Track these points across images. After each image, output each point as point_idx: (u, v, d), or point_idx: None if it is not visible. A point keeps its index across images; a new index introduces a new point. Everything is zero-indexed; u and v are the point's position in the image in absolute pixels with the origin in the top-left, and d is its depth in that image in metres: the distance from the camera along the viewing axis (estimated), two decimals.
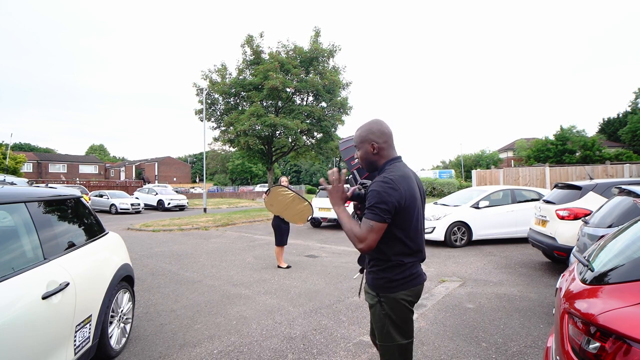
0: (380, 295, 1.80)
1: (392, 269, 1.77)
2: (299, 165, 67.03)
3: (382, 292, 1.79)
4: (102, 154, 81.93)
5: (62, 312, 2.25)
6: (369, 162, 1.88)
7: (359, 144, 1.88)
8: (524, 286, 5.10)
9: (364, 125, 1.89)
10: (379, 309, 1.81)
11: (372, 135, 1.84)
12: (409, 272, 1.78)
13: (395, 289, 1.78)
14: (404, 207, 1.71)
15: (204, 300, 4.71)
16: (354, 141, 1.94)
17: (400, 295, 1.78)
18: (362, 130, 1.87)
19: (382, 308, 1.79)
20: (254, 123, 16.61)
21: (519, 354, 3.09)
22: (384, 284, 1.79)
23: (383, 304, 1.79)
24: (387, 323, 1.79)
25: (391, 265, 1.77)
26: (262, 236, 10.53)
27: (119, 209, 20.02)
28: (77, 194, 3.22)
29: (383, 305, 1.79)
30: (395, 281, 1.77)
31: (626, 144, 36.63)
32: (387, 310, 1.79)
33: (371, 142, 1.83)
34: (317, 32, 18.05)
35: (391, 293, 1.78)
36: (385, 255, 1.78)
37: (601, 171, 14.11)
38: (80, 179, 41.79)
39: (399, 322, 1.78)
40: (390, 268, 1.78)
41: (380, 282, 1.80)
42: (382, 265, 1.79)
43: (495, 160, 45.97)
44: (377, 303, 1.82)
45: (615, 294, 1.49)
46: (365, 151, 1.86)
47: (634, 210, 3.84)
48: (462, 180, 36.68)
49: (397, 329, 1.78)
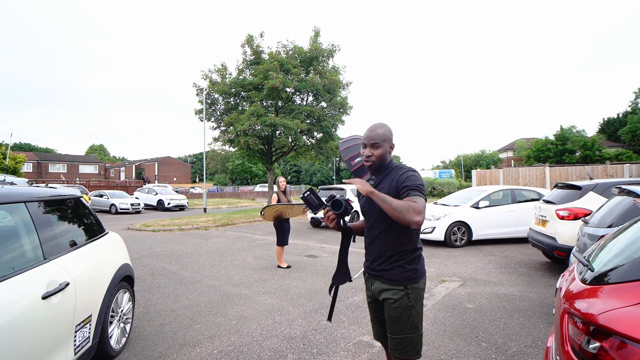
0: (407, 287, 1.85)
1: (417, 260, 1.89)
2: (299, 165, 67.08)
3: (410, 284, 1.86)
4: (102, 154, 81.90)
5: (62, 312, 2.25)
6: (384, 159, 1.94)
7: (382, 142, 1.92)
8: (524, 286, 5.10)
9: (385, 126, 1.95)
10: (405, 302, 1.84)
11: (391, 136, 1.95)
12: (424, 262, 1.93)
13: (418, 279, 1.88)
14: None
15: (204, 300, 4.71)
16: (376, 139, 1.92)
17: (422, 284, 1.89)
18: (385, 130, 1.94)
19: (408, 300, 1.84)
20: (254, 123, 16.59)
21: (519, 354, 3.09)
22: (411, 275, 1.86)
23: (410, 295, 1.84)
24: (412, 314, 1.84)
25: (417, 255, 1.89)
26: (262, 236, 10.53)
27: (119, 209, 20.02)
28: (77, 194, 3.22)
29: (410, 297, 1.84)
30: (418, 271, 1.88)
31: (626, 144, 36.63)
32: (413, 301, 1.85)
33: (390, 142, 1.94)
34: (316, 32, 18.04)
35: (416, 283, 1.87)
36: (414, 244, 1.88)
37: (601, 171, 14.11)
38: (80, 179, 41.80)
39: (420, 312, 1.88)
40: (416, 259, 1.89)
41: (409, 274, 1.86)
42: (409, 257, 1.87)
43: (495, 160, 45.97)
44: (403, 296, 1.85)
45: (615, 294, 1.49)
46: (384, 150, 1.92)
47: (634, 210, 3.84)
48: (462, 180, 36.67)
49: (419, 319, 1.87)
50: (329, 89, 17.66)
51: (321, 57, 17.98)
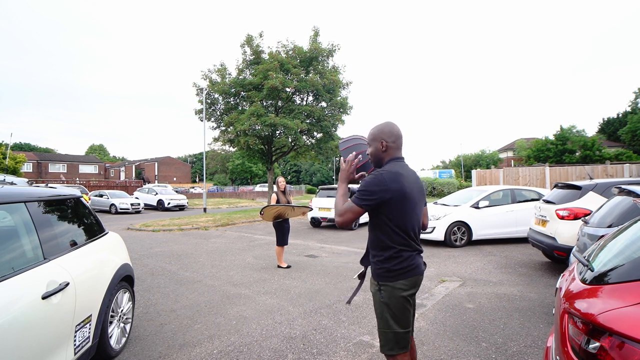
0: (380, 284, 1.96)
1: (390, 260, 1.93)
2: (299, 165, 67.07)
3: (382, 281, 1.95)
4: (102, 154, 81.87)
5: (62, 312, 2.25)
6: (378, 158, 2.05)
7: (371, 141, 2.06)
8: (524, 286, 5.10)
9: (378, 125, 2.08)
10: (378, 297, 1.97)
11: (383, 134, 2.02)
12: (406, 264, 1.93)
13: (393, 278, 1.92)
14: (392, 201, 1.87)
15: (204, 300, 4.70)
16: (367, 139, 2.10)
17: (399, 284, 1.92)
18: (375, 130, 2.06)
19: (381, 296, 1.95)
20: (254, 123, 16.58)
21: (519, 354, 3.09)
22: (383, 273, 1.94)
23: (382, 292, 1.95)
24: (384, 310, 1.95)
25: (390, 256, 1.93)
26: (262, 236, 10.53)
27: (118, 209, 20.01)
28: (77, 193, 3.22)
29: (382, 293, 1.95)
30: (393, 271, 1.92)
31: (626, 144, 36.61)
32: (386, 298, 1.94)
33: (382, 140, 2.01)
34: (316, 31, 18.03)
35: (390, 282, 1.93)
36: (385, 246, 1.94)
37: (601, 171, 14.11)
38: (80, 179, 41.77)
39: (396, 311, 1.92)
40: (389, 259, 1.93)
41: (380, 271, 1.96)
42: (382, 256, 1.95)
43: (495, 160, 45.96)
44: (377, 291, 1.98)
45: (615, 293, 1.49)
46: (375, 148, 2.04)
47: (634, 210, 3.84)
48: (462, 180, 36.67)
49: (394, 317, 1.93)
50: (329, 89, 17.65)
51: (321, 57, 17.97)
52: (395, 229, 1.90)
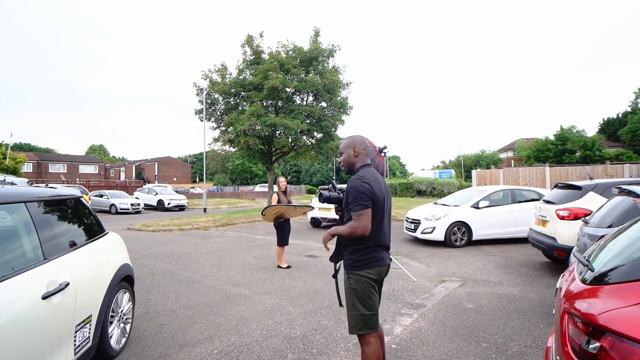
0: (349, 272, 2.29)
1: (359, 252, 2.26)
2: (299, 165, 67.04)
3: (350, 270, 2.29)
4: (102, 154, 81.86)
5: (62, 312, 2.25)
6: (350, 163, 2.42)
7: (344, 148, 2.43)
8: (524, 286, 5.10)
9: (349, 136, 2.48)
10: (347, 284, 2.29)
11: (355, 143, 2.41)
12: (371, 255, 2.26)
13: (359, 267, 2.25)
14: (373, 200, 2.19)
15: (204, 300, 4.70)
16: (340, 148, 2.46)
17: (364, 272, 2.24)
18: (347, 139, 2.46)
19: (349, 282, 2.28)
20: (254, 123, 16.57)
21: (519, 354, 3.09)
22: (351, 263, 2.28)
23: (350, 279, 2.27)
24: (352, 295, 2.26)
25: (357, 249, 2.26)
26: (262, 236, 10.53)
27: (119, 209, 20.01)
28: (77, 194, 3.22)
29: (350, 280, 2.27)
30: (360, 261, 2.25)
31: (626, 144, 36.58)
32: (354, 284, 2.25)
33: (354, 147, 2.40)
34: (316, 32, 18.02)
35: (356, 270, 2.25)
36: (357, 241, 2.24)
37: (601, 171, 14.11)
38: (80, 179, 41.79)
39: (362, 296, 2.23)
40: (358, 251, 2.26)
41: (348, 261, 2.30)
42: (351, 249, 2.29)
43: (495, 160, 45.90)
44: (347, 279, 2.30)
45: (615, 294, 1.49)
46: (348, 154, 2.42)
47: (634, 210, 3.84)
48: (462, 180, 36.62)
49: (361, 301, 2.23)
50: (329, 89, 17.64)
51: (321, 57, 17.96)
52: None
